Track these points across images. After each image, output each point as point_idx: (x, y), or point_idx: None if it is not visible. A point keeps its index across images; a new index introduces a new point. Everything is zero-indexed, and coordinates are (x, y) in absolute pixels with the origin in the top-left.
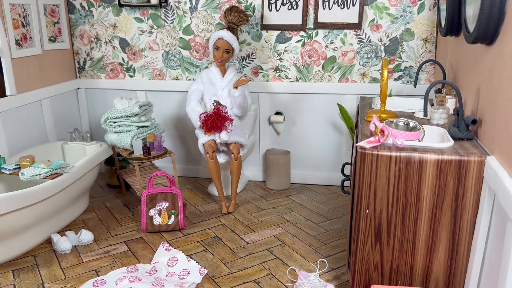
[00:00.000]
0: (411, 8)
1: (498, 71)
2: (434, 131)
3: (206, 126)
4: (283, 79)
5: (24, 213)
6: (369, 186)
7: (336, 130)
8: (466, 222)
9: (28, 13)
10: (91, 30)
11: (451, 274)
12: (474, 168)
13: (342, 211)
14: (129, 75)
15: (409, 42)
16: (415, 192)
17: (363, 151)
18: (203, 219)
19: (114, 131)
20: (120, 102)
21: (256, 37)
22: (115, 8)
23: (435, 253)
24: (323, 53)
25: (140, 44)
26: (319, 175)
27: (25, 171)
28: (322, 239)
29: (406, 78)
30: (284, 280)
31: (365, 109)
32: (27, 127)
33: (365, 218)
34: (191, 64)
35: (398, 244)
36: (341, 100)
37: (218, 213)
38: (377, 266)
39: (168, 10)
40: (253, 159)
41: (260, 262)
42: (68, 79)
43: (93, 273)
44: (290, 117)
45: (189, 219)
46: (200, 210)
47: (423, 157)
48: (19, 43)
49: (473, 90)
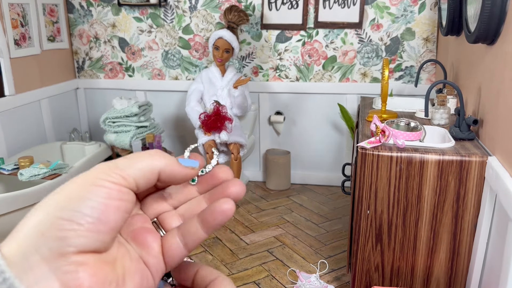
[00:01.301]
0: (412, 8)
1: (499, 71)
2: (435, 131)
3: (206, 126)
4: (283, 79)
5: (23, 213)
6: (369, 186)
7: (337, 130)
8: (467, 223)
9: (27, 12)
10: (90, 29)
11: (452, 275)
12: (475, 169)
13: (343, 212)
14: (128, 75)
15: (410, 42)
16: (416, 192)
17: (363, 152)
18: None
19: (113, 131)
20: (119, 102)
21: (256, 36)
22: (114, 7)
23: (436, 254)
24: (324, 53)
25: (140, 43)
26: (319, 175)
27: (24, 171)
28: (323, 240)
29: (407, 78)
30: (284, 282)
31: (365, 109)
32: (26, 127)
33: (366, 219)
34: (190, 64)
35: (399, 245)
36: (341, 100)
37: None
38: (378, 267)
39: (167, 9)
40: (253, 159)
41: (260, 263)
42: (67, 79)
43: None
44: (290, 117)
45: None
46: None
47: (424, 158)
48: (18, 42)
49: (474, 90)
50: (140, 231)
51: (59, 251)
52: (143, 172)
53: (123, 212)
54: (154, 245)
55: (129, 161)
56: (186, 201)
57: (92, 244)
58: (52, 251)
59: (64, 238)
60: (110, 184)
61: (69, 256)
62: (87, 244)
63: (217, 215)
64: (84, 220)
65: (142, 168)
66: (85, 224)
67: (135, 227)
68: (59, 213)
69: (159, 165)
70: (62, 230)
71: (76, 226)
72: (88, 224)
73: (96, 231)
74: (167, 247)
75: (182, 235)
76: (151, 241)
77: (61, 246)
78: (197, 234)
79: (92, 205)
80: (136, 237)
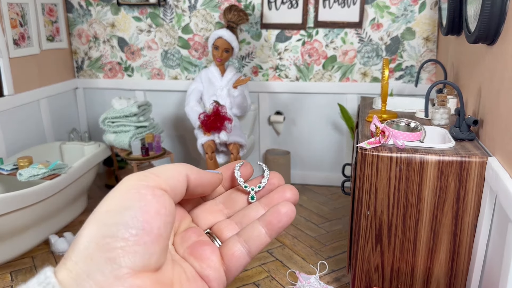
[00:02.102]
0: (412, 7)
1: (499, 71)
2: (435, 132)
3: (205, 126)
4: (283, 78)
5: (22, 214)
6: (369, 187)
7: (337, 130)
8: (467, 224)
9: (26, 12)
10: (90, 29)
11: (452, 276)
12: (475, 169)
13: (343, 212)
14: (127, 75)
15: (410, 41)
16: (416, 193)
17: (363, 152)
18: None
19: (113, 131)
20: (119, 102)
21: (256, 36)
22: (114, 7)
23: (436, 255)
24: (324, 52)
25: (139, 43)
26: (319, 175)
27: (23, 171)
28: (323, 240)
29: (407, 77)
30: (284, 282)
31: (365, 109)
32: (25, 127)
33: (366, 219)
34: (190, 64)
35: (399, 246)
36: (341, 100)
37: None
38: (378, 268)
39: (167, 9)
40: (253, 160)
41: (259, 264)
42: (66, 79)
43: None
44: (290, 117)
45: None
46: None
47: (424, 158)
48: (17, 42)
49: (474, 90)
50: (196, 244)
51: (114, 274)
52: (172, 175)
53: (165, 216)
54: (213, 257)
55: (158, 168)
56: (240, 209)
57: (143, 260)
58: (106, 276)
59: (113, 259)
60: (144, 189)
61: (125, 279)
62: (138, 260)
63: (282, 217)
64: (129, 233)
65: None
66: (130, 238)
67: (191, 242)
68: (103, 231)
69: (186, 170)
70: (110, 250)
71: (123, 242)
72: (133, 237)
73: (143, 243)
74: (229, 255)
75: (244, 241)
76: (209, 253)
77: (113, 269)
78: (260, 238)
79: (132, 215)
80: (193, 252)
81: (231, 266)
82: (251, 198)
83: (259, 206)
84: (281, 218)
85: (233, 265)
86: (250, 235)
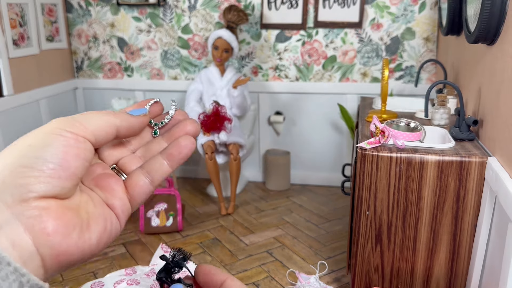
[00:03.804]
0: (412, 7)
1: (499, 72)
2: (435, 132)
3: (205, 127)
4: (283, 78)
5: None
6: (369, 187)
7: (337, 130)
8: (467, 224)
9: (26, 12)
10: (89, 29)
11: (452, 276)
12: (475, 169)
13: (343, 212)
14: (127, 75)
15: (410, 41)
16: (416, 193)
17: (363, 152)
18: (202, 221)
19: None
20: (118, 102)
21: (256, 36)
22: (113, 7)
23: (436, 255)
24: (323, 53)
25: (139, 43)
26: (319, 175)
27: None
28: (322, 240)
29: (407, 77)
30: (284, 283)
31: (365, 109)
32: (25, 127)
33: (366, 219)
34: (189, 64)
35: (398, 246)
36: (341, 100)
37: (217, 214)
38: (378, 268)
39: (166, 9)
40: (253, 160)
41: (259, 264)
42: (65, 79)
43: (91, 275)
44: (290, 117)
45: (188, 221)
46: (199, 211)
47: (424, 158)
48: (17, 42)
49: (474, 90)
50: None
51: (21, 197)
52: (101, 126)
53: (83, 160)
54: (117, 188)
55: (87, 116)
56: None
57: (53, 190)
58: (14, 197)
59: (25, 185)
60: (68, 134)
61: (31, 201)
62: (49, 189)
63: (182, 149)
64: (46, 167)
65: (100, 123)
66: (47, 171)
67: (96, 174)
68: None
69: (116, 122)
70: (23, 177)
71: (37, 172)
72: (50, 171)
73: (57, 177)
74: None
75: (147, 172)
76: (114, 184)
77: (22, 192)
78: (162, 168)
79: (53, 152)
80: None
81: (135, 195)
82: (154, 133)
83: (161, 140)
84: (182, 150)
85: (137, 194)
86: (152, 167)
